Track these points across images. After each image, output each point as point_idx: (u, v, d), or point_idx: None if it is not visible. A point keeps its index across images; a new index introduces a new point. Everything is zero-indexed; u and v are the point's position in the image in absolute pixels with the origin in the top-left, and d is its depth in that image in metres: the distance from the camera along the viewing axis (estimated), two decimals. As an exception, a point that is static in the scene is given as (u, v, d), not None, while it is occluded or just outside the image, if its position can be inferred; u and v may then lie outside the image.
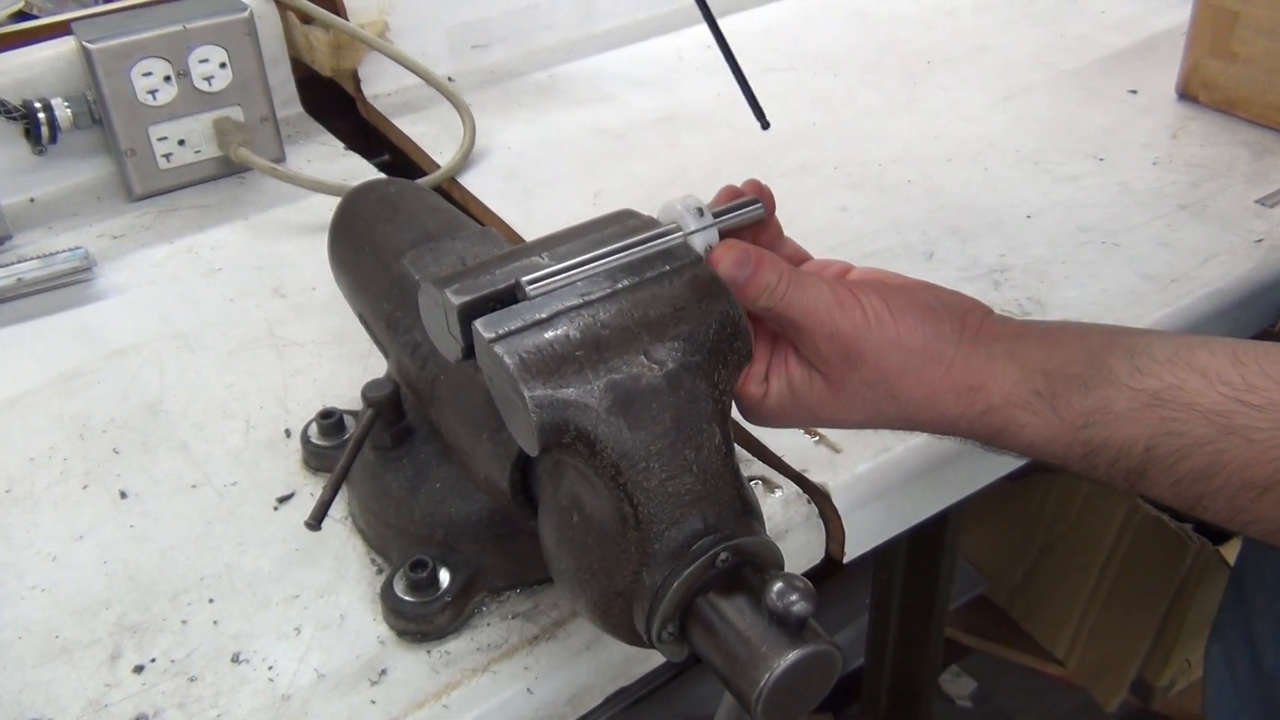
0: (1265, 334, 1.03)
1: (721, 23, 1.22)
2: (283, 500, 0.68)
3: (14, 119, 0.92)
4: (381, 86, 1.10)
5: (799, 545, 0.66)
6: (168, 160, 0.96)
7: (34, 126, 0.92)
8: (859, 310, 0.52)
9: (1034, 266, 0.84)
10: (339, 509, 0.66)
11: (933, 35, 1.19)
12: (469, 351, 0.49)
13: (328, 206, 0.77)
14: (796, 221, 0.59)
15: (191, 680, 0.58)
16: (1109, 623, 1.51)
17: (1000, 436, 0.52)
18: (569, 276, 0.50)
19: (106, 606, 0.62)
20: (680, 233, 0.53)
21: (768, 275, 0.52)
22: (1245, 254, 0.85)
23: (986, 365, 0.52)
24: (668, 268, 0.51)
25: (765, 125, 0.52)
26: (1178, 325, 0.79)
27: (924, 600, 1.07)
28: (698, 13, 1.24)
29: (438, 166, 0.99)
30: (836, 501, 0.66)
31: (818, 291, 0.52)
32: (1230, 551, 1.38)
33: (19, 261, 0.87)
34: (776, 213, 0.56)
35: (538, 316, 0.48)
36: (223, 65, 0.95)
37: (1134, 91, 1.07)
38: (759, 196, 0.55)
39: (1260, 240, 0.86)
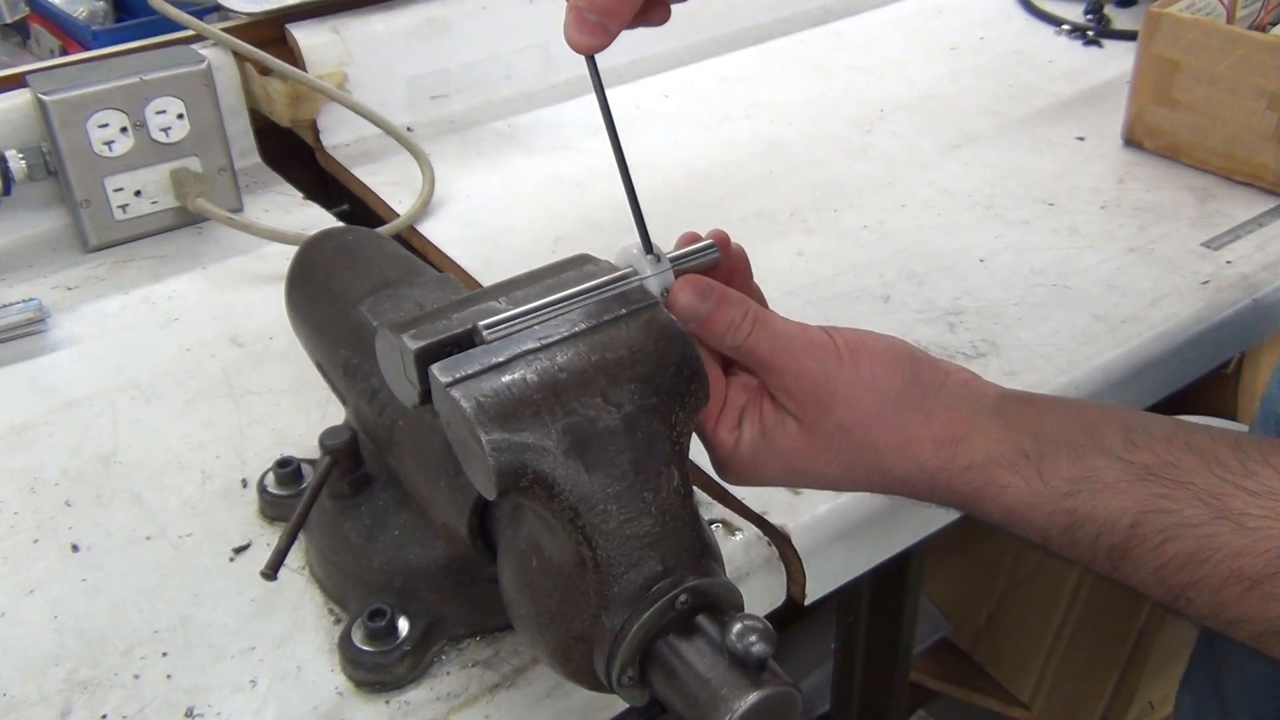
0: (1218, 373, 1.05)
1: (678, 73, 1.25)
2: (239, 551, 0.67)
3: (-33, 171, 0.92)
4: (340, 137, 1.10)
5: (760, 588, 0.66)
6: (124, 211, 0.96)
7: (-13, 178, 0.91)
8: (831, 349, 0.51)
9: (988, 309, 0.85)
10: (296, 558, 0.66)
11: (885, 85, 1.21)
12: (426, 396, 0.49)
13: (285, 256, 0.77)
14: (754, 266, 0.59)
15: (143, 736, 0.56)
16: (1073, 666, 1.52)
17: (980, 498, 0.50)
18: (526, 321, 0.50)
19: (56, 662, 0.61)
20: (637, 277, 0.53)
21: (731, 312, 0.51)
22: (1193, 295, 0.86)
23: (971, 419, 0.50)
24: (624, 311, 0.51)
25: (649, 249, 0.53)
26: (1130, 365, 0.81)
27: (889, 643, 1.06)
28: (656, 64, 1.26)
29: (397, 215, 0.99)
30: (796, 543, 0.66)
31: (786, 329, 0.51)
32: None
33: (-29, 313, 0.86)
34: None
35: (495, 361, 0.48)
36: (180, 116, 0.95)
37: (1081, 138, 1.09)
38: (718, 243, 0.55)
39: (1207, 282, 0.88)
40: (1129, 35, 1.26)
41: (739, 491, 0.69)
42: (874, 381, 0.50)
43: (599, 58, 0.51)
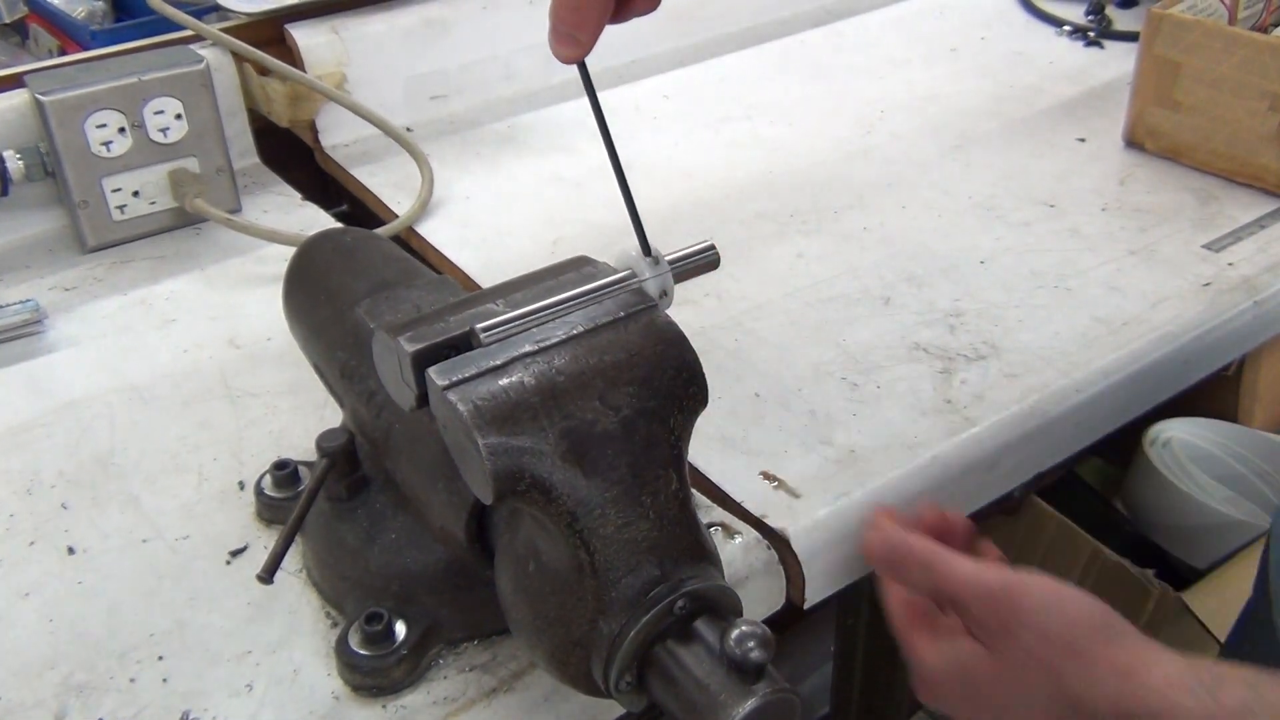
0: (1220, 376, 1.05)
1: (678, 74, 1.25)
2: (235, 554, 0.67)
3: (-35, 171, 0.91)
4: (339, 137, 1.10)
5: (760, 591, 0.66)
6: (121, 212, 0.95)
7: (-15, 178, 0.91)
8: (1020, 587, 0.55)
9: (988, 311, 0.85)
10: (293, 562, 0.65)
11: (885, 85, 1.21)
12: (423, 400, 0.49)
13: (284, 257, 0.77)
14: (754, 269, 0.59)
15: (139, 741, 0.56)
16: (1073, 667, 1.51)
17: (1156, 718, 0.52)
18: (524, 323, 0.50)
19: (52, 666, 0.60)
20: (636, 279, 0.53)
21: (921, 556, 0.57)
22: (1194, 297, 0.86)
23: (1154, 654, 0.53)
24: (623, 314, 0.51)
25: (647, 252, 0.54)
26: (1131, 367, 0.80)
27: (889, 646, 1.06)
28: (655, 64, 1.26)
29: (396, 216, 0.99)
30: (796, 547, 0.66)
31: (973, 576, 0.56)
32: (1193, 598, 1.39)
33: (-32, 314, 0.85)
34: (736, 258, 0.56)
35: (492, 364, 0.48)
36: (178, 117, 0.94)
37: (1082, 140, 1.09)
38: (957, 523, 0.63)
39: (1208, 284, 0.88)
40: (1130, 36, 1.26)
41: (738, 494, 0.69)
42: (1062, 611, 0.54)
43: (589, 60, 0.51)
